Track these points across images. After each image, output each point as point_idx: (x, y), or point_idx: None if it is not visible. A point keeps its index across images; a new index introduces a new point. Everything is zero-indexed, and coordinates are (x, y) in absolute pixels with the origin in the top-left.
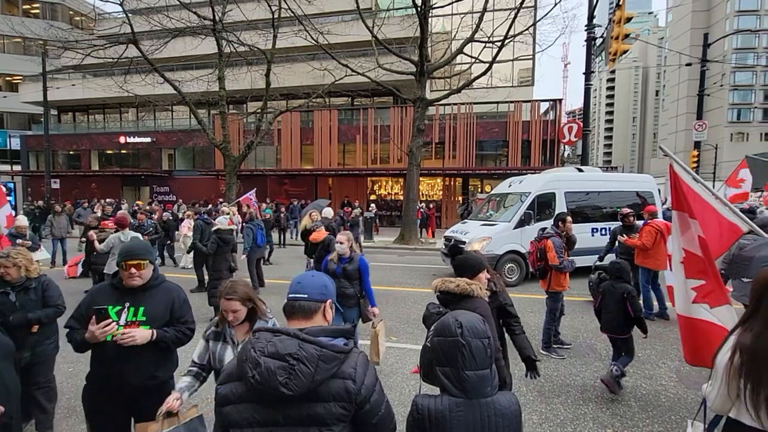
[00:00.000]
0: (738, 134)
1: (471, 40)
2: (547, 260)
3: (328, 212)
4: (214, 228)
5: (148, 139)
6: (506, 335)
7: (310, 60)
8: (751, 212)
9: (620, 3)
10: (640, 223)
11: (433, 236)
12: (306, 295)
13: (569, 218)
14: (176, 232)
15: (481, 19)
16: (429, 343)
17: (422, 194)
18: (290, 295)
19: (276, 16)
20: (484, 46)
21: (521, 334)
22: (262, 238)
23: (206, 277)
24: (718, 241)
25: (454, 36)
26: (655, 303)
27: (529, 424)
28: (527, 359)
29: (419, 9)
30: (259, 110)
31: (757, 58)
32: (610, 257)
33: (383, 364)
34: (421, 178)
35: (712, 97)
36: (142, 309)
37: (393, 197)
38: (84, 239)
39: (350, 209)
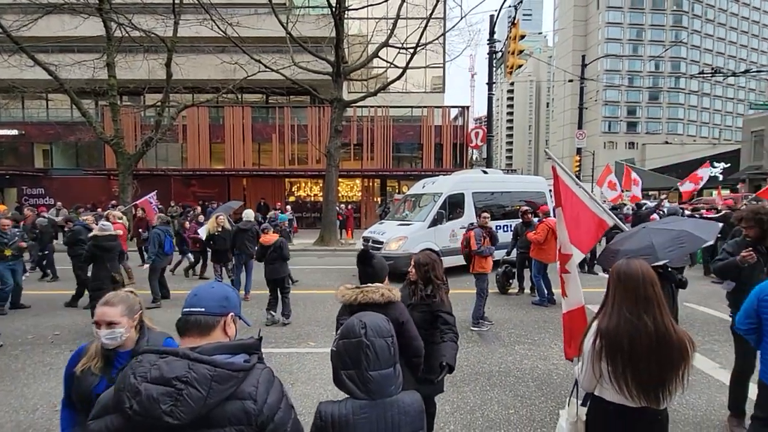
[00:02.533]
0: (609, 143)
1: (385, 44)
2: (470, 247)
3: (249, 214)
4: (90, 234)
5: (15, 132)
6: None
7: (219, 52)
8: (617, 208)
9: (515, 21)
10: (536, 220)
11: (353, 237)
12: (202, 309)
13: (484, 213)
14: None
15: (394, 25)
16: (335, 347)
17: (342, 195)
18: (184, 309)
19: (177, 1)
20: (399, 52)
21: (448, 342)
22: (170, 246)
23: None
24: (591, 235)
25: (370, 39)
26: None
27: (442, 414)
28: (441, 364)
29: (334, 9)
30: (159, 103)
31: (622, 78)
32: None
33: (301, 371)
34: (340, 179)
35: (589, 110)
36: None
37: (313, 198)
38: None
39: (270, 211)
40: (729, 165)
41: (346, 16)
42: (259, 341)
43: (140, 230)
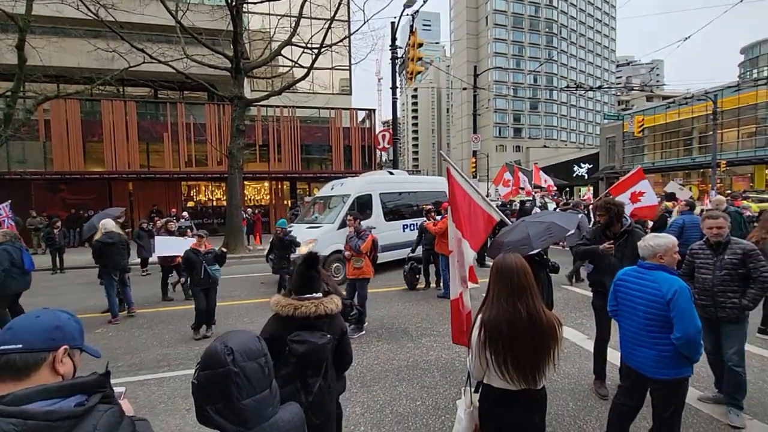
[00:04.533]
0: (500, 146)
1: (288, 43)
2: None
3: (109, 224)
4: None
5: None
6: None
7: (92, 37)
8: (505, 205)
9: (413, 30)
10: (439, 217)
11: (261, 242)
12: (19, 345)
13: (349, 217)
14: None
15: (297, 24)
16: (195, 380)
17: (249, 199)
18: None
19: None
20: (303, 51)
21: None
22: (30, 263)
23: None
24: (481, 229)
25: (273, 36)
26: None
27: (353, 416)
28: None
29: (230, 1)
30: (10, 93)
31: (508, 89)
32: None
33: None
34: (246, 182)
35: (482, 116)
36: None
37: (215, 203)
38: None
39: (158, 218)
40: (591, 166)
41: (244, 9)
42: (103, 377)
43: None
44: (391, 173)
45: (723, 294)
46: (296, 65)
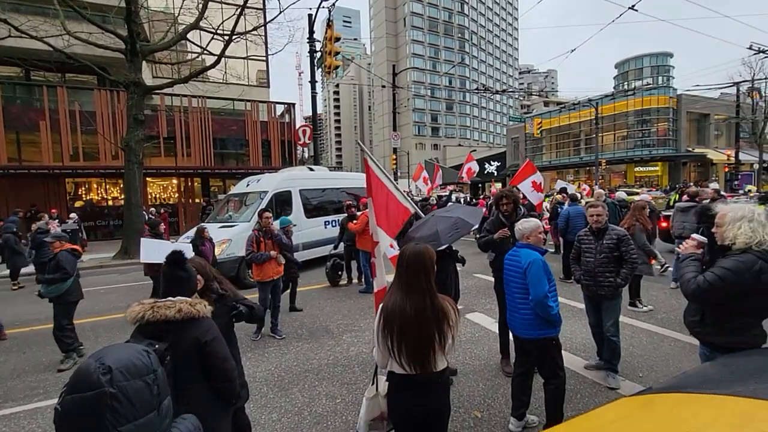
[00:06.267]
0: (419, 144)
1: (195, 27)
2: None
3: None
4: None
5: None
6: None
7: None
8: (426, 200)
9: (330, 24)
10: (359, 213)
11: None
12: None
13: (266, 213)
14: None
15: (204, 7)
16: (59, 406)
17: (155, 197)
18: None
19: None
20: (213, 38)
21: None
22: None
23: None
24: (398, 221)
25: (177, 18)
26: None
27: (269, 422)
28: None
29: None
30: None
31: (425, 89)
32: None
33: None
34: (150, 179)
35: (402, 114)
36: None
37: (112, 202)
38: None
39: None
40: (500, 164)
41: None
42: None
43: None
44: (312, 170)
45: (602, 274)
46: (205, 52)
